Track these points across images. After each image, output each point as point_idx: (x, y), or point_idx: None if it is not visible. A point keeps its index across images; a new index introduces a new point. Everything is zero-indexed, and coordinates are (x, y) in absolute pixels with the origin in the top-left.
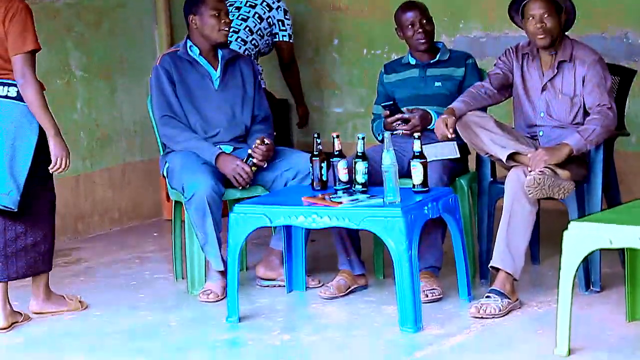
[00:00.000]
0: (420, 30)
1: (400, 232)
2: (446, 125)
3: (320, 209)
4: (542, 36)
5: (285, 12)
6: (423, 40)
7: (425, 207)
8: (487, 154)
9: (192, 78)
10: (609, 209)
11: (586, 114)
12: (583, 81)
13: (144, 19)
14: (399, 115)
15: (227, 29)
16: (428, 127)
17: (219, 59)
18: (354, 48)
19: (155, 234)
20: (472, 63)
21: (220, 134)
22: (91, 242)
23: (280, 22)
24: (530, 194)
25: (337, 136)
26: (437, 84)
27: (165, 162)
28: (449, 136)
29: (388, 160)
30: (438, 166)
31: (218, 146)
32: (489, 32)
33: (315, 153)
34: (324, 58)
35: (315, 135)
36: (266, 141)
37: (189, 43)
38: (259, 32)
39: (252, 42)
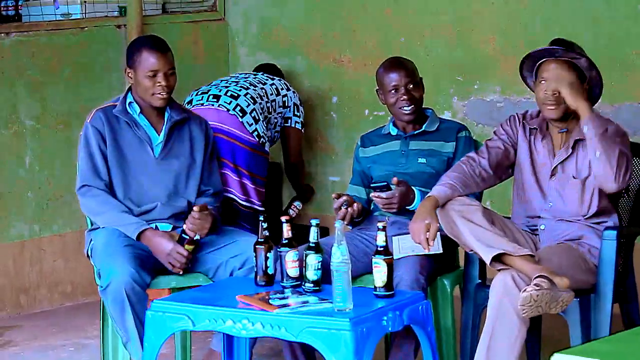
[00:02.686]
0: (405, 97)
1: (347, 349)
2: (427, 231)
3: (253, 313)
4: (552, 107)
5: (300, 100)
6: (408, 110)
7: (385, 318)
8: (472, 250)
9: (127, 141)
10: (624, 331)
11: (601, 202)
12: None
13: (112, 61)
14: (375, 194)
15: (164, 93)
16: (408, 208)
17: (165, 121)
18: (354, 108)
19: None
20: (465, 137)
21: (157, 210)
22: (33, 319)
23: (295, 107)
24: (524, 313)
25: (287, 221)
26: (421, 160)
27: (91, 240)
28: (427, 250)
29: (338, 256)
30: (414, 263)
31: (154, 224)
32: (507, 97)
33: (260, 240)
34: (320, 118)
35: (262, 218)
36: (207, 210)
37: (129, 98)
38: (273, 103)
39: (263, 107)
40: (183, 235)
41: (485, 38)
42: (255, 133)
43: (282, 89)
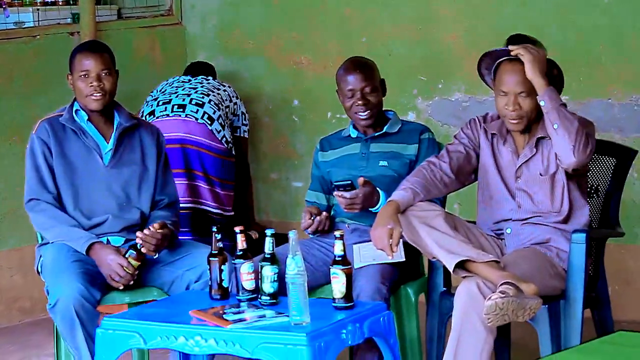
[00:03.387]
0: (360, 102)
1: None
2: (390, 237)
3: (206, 329)
4: (514, 121)
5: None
6: (364, 115)
7: (344, 331)
8: (434, 258)
9: (75, 151)
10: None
11: (572, 195)
12: None
13: (66, 70)
14: (339, 193)
15: (97, 94)
16: (371, 210)
17: (114, 127)
18: (316, 110)
19: None
20: (427, 139)
21: (108, 223)
22: None
23: (243, 116)
24: (489, 322)
25: (242, 231)
26: (382, 162)
27: (40, 256)
28: (390, 257)
29: (293, 268)
30: (375, 272)
31: (106, 237)
32: (473, 95)
33: (213, 252)
34: (282, 122)
35: (214, 229)
36: (165, 229)
37: (76, 106)
38: (228, 109)
39: (226, 112)
40: (130, 249)
41: (449, 35)
42: (224, 139)
43: (233, 96)
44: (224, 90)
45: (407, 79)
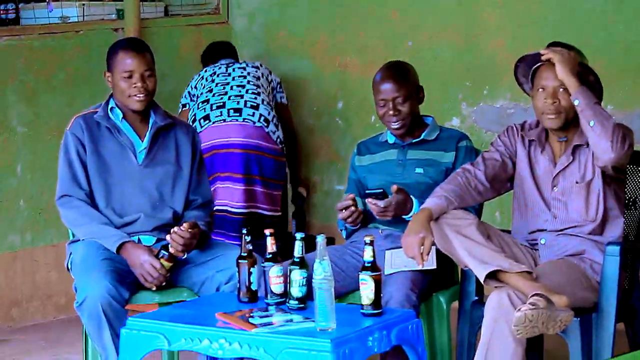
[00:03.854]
0: (391, 112)
1: None
2: (421, 245)
3: (231, 332)
4: (552, 116)
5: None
6: (395, 125)
7: (370, 338)
8: (466, 266)
9: (109, 148)
10: (628, 352)
11: (608, 203)
12: None
13: None
14: (372, 200)
15: (141, 95)
16: (404, 217)
17: (149, 126)
18: (360, 114)
19: None
20: (465, 147)
21: (140, 221)
22: (23, 333)
23: (278, 85)
24: (518, 333)
25: (272, 234)
26: (419, 170)
27: (70, 253)
28: (421, 265)
29: (320, 272)
30: (405, 279)
31: (137, 236)
32: (517, 103)
33: (243, 254)
34: (326, 124)
35: (245, 232)
36: (195, 229)
37: (112, 103)
38: (270, 91)
39: (274, 106)
40: (162, 250)
41: (494, 41)
42: (278, 140)
43: (267, 75)
44: (262, 74)
45: (452, 84)
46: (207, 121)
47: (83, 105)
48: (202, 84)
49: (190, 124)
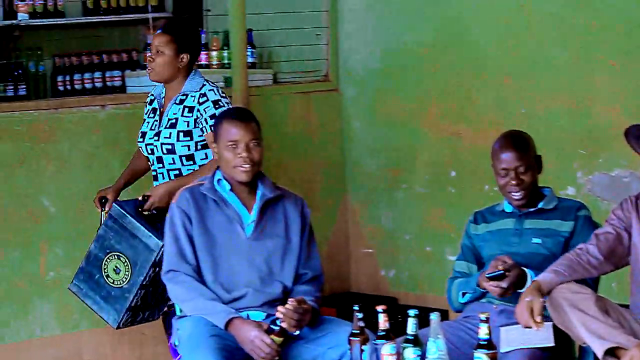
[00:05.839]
0: (514, 182)
1: None
2: (531, 311)
3: None
4: None
5: None
6: (517, 195)
7: None
8: (584, 343)
9: (216, 221)
10: None
11: None
12: None
13: None
14: (494, 283)
15: (247, 166)
16: (519, 291)
17: (257, 198)
18: (473, 182)
19: None
20: (584, 216)
21: (249, 297)
22: None
23: None
24: None
25: (384, 310)
26: (536, 240)
27: (178, 329)
28: (535, 328)
29: (435, 352)
30: (522, 356)
31: (246, 312)
32: (633, 171)
33: (354, 331)
34: (438, 193)
35: (357, 308)
36: (305, 305)
37: (218, 175)
38: None
39: None
40: (272, 325)
41: (608, 108)
42: None
43: None
44: None
45: (567, 152)
46: None
47: None
48: None
49: None
